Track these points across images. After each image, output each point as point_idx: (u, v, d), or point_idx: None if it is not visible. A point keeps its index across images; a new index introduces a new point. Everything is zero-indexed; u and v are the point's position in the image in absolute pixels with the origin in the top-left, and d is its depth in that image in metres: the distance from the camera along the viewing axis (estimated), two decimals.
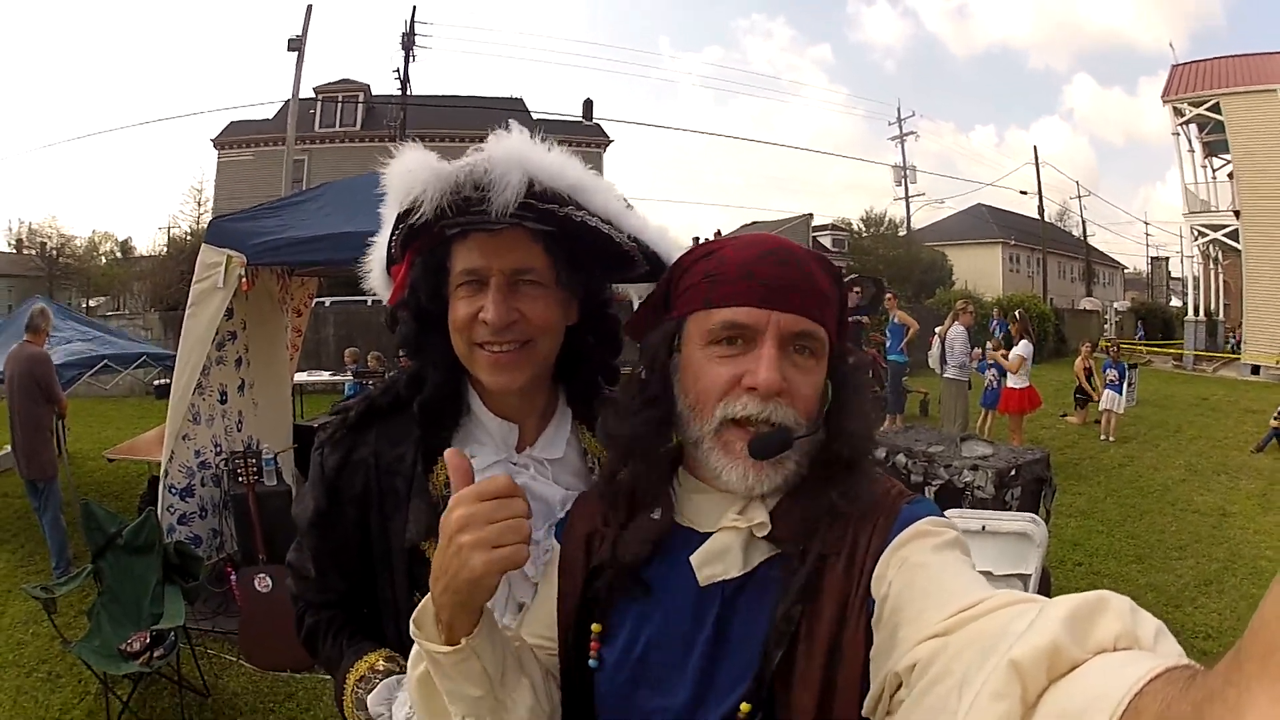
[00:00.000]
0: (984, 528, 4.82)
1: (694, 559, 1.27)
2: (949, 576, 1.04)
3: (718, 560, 1.26)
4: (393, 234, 1.57)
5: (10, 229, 41.34)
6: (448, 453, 1.22)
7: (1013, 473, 6.25)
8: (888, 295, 15.49)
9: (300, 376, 11.47)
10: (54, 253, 39.23)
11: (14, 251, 40.39)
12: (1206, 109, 29.74)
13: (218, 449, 7.19)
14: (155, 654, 4.69)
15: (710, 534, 1.29)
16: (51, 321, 7.98)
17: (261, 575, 5.57)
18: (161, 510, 6.28)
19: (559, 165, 1.43)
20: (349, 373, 15.02)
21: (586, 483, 1.68)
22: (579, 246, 1.55)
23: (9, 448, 11.33)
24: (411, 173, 1.41)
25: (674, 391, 1.34)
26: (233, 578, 5.79)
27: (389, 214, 1.55)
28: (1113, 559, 8.08)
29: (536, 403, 1.70)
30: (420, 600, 1.46)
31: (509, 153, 1.38)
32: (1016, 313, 15.84)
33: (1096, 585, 7.14)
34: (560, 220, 1.47)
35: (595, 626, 1.33)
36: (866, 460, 1.30)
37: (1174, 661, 0.67)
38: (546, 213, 1.45)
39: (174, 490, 6.53)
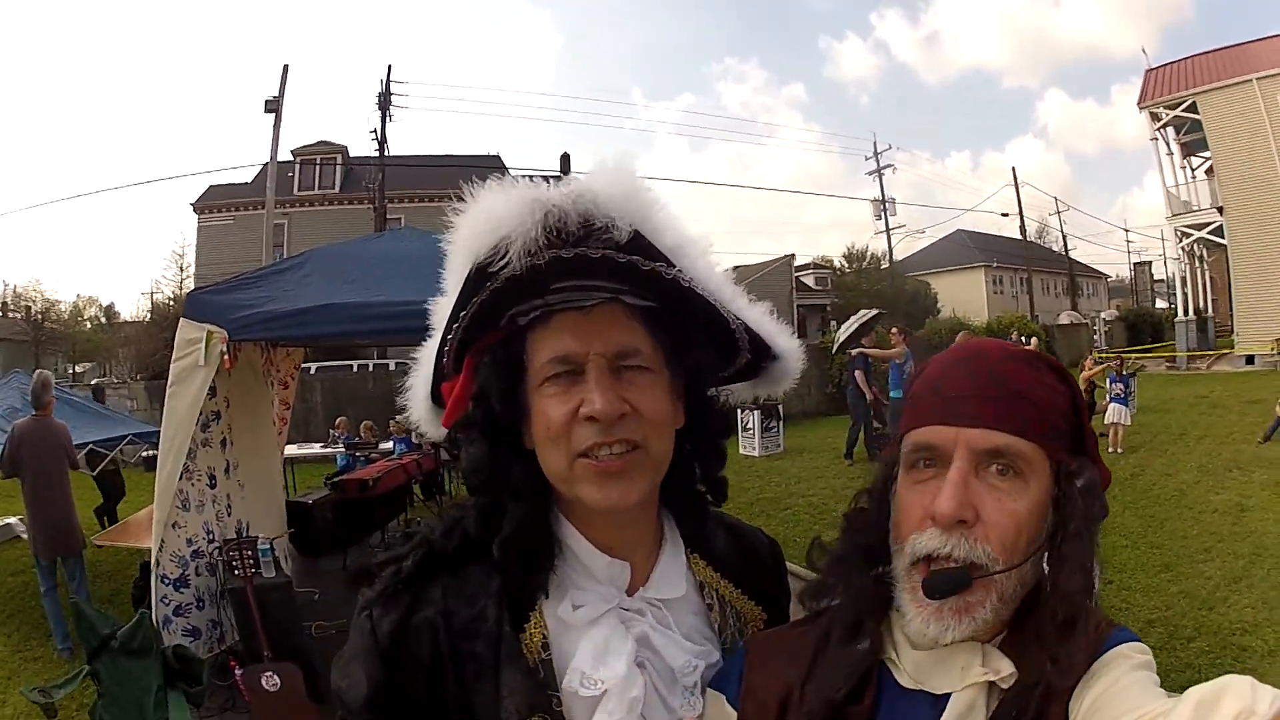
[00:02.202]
0: None
1: None
2: (1136, 693, 0.99)
3: None
4: (446, 337, 1.30)
5: None
6: None
7: None
8: (893, 330, 15.11)
9: (290, 449, 11.21)
10: (39, 317, 39.22)
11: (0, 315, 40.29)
12: (1184, 110, 30.29)
13: (210, 536, 6.82)
14: None
15: (946, 695, 1.11)
16: (52, 391, 7.83)
17: (269, 673, 5.26)
18: (156, 601, 6.00)
19: (665, 219, 1.19)
20: (340, 443, 14.80)
21: (706, 623, 1.41)
22: (681, 327, 1.30)
23: (2, 520, 11.15)
24: (493, 212, 1.14)
25: (889, 522, 1.20)
26: (238, 672, 5.49)
27: (444, 304, 1.29)
28: (1141, 571, 8.05)
29: (647, 530, 1.40)
30: None
31: (618, 188, 1.13)
32: (1032, 341, 15.69)
33: (1129, 600, 7.40)
34: (666, 291, 1.23)
35: None
36: (1084, 619, 1.09)
37: None
38: (649, 278, 1.20)
39: (167, 581, 6.20)
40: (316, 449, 15.34)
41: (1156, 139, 31.79)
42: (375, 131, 30.43)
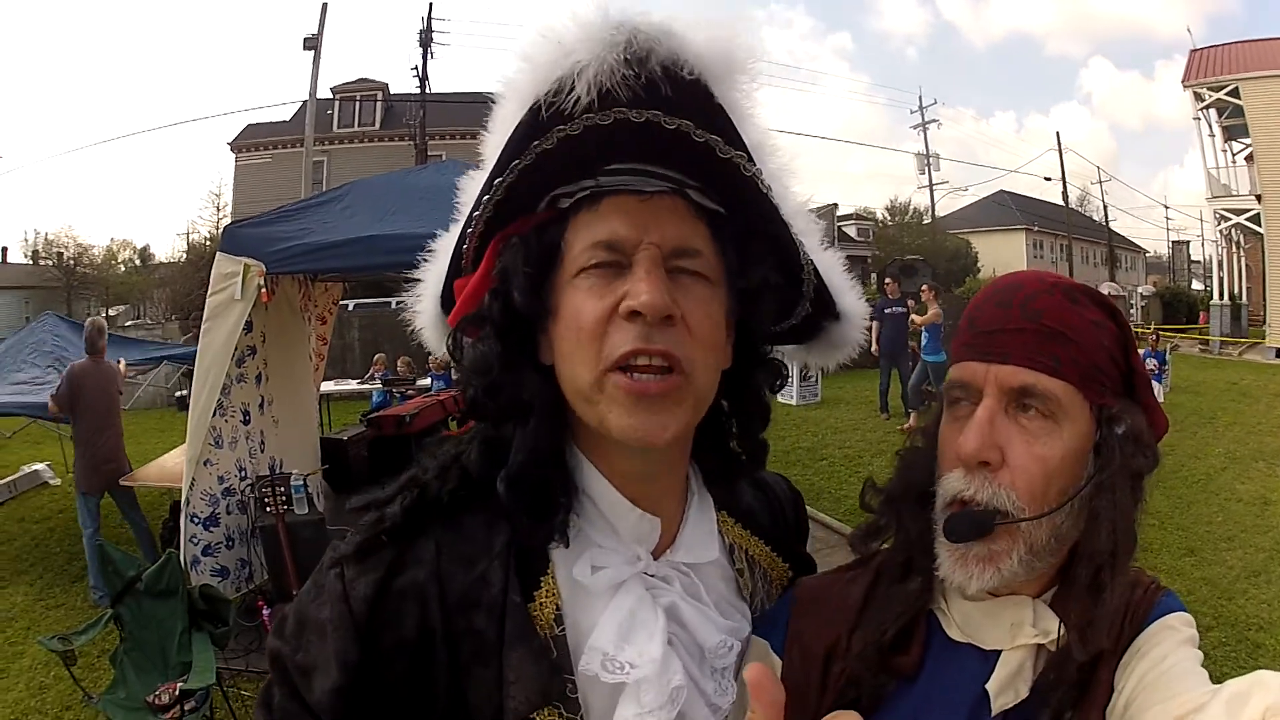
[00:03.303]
0: None
1: (992, 687, 1.05)
2: (1178, 675, 0.97)
3: (1011, 687, 1.05)
4: (472, 215, 1.09)
5: (26, 240, 41.64)
6: (748, 672, 0.81)
7: None
8: (923, 289, 14.59)
9: (326, 385, 11.22)
10: (71, 262, 39.42)
11: (31, 263, 40.56)
12: (1226, 94, 29.45)
13: (242, 474, 6.81)
14: (186, 707, 4.39)
15: (995, 652, 1.07)
16: (106, 337, 7.96)
17: None
18: (185, 541, 6.01)
19: (757, 108, 1.01)
20: (376, 380, 14.75)
21: (735, 591, 1.24)
22: (746, 243, 1.11)
23: (31, 467, 11.24)
24: (563, 37, 0.93)
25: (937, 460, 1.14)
26: (265, 613, 5.47)
27: (475, 181, 1.08)
28: (1166, 553, 8.01)
29: (677, 481, 1.19)
30: None
31: (717, 45, 0.94)
32: None
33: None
34: (736, 197, 1.04)
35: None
36: (1111, 584, 1.02)
37: None
38: (721, 175, 1.01)
39: (196, 520, 6.20)
40: (353, 385, 15.27)
41: (1199, 119, 30.91)
42: (416, 68, 30.37)
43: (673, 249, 1.02)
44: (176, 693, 4.39)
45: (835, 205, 45.52)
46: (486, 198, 1.05)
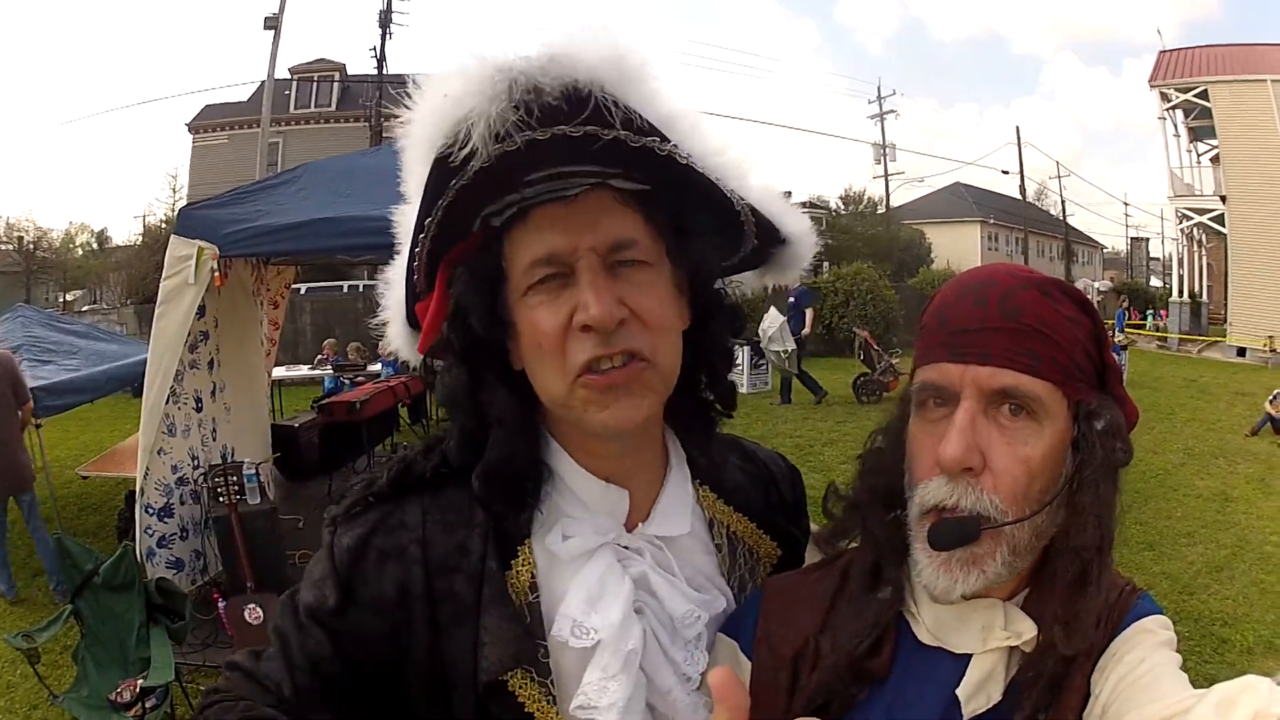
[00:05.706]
0: None
1: (962, 693, 1.03)
2: (1161, 678, 0.95)
3: (982, 691, 1.03)
4: (414, 250, 1.12)
5: None
6: (713, 676, 0.82)
7: None
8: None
9: (278, 371, 11.09)
10: (31, 246, 38.99)
11: None
12: (1194, 95, 29.91)
13: (195, 463, 6.66)
14: (147, 704, 4.36)
15: (966, 655, 1.05)
16: None
17: (251, 605, 5.17)
18: (139, 533, 5.90)
19: (657, 86, 1.00)
20: (328, 366, 14.63)
21: (715, 565, 1.26)
22: (680, 211, 1.13)
23: None
24: (450, 90, 0.96)
25: (904, 463, 1.11)
26: (220, 605, 5.39)
27: (407, 214, 1.14)
28: (1125, 547, 7.97)
29: (650, 457, 1.23)
30: None
31: (600, 51, 0.95)
32: None
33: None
34: (659, 171, 1.04)
35: None
36: (1096, 578, 1.01)
37: None
38: (639, 157, 1.01)
39: (151, 510, 6.07)
40: (304, 371, 15.21)
41: (1165, 119, 31.47)
42: (375, 49, 30.49)
43: (608, 246, 1.05)
44: (137, 689, 4.38)
45: (789, 193, 45.82)
46: (423, 235, 1.09)
